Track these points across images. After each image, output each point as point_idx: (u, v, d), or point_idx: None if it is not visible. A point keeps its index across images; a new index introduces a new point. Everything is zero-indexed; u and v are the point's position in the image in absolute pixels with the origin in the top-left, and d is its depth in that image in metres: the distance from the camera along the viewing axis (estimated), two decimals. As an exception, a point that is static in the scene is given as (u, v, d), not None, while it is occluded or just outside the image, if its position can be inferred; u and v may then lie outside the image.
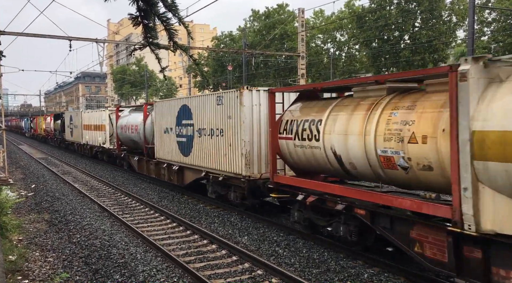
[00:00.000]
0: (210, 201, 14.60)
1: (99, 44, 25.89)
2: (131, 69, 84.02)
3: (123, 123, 21.98)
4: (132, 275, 8.08)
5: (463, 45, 38.57)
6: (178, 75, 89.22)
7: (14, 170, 25.31)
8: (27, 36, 21.57)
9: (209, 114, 13.53)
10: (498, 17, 38.08)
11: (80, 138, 31.20)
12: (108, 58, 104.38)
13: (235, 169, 12.19)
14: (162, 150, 17.39)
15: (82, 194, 16.87)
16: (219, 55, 54.61)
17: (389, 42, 41.67)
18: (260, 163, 11.97)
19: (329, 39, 51.60)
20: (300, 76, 26.44)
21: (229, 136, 12.39)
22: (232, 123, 12.23)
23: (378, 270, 8.07)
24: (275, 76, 50.98)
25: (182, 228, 11.63)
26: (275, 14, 53.23)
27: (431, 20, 40.21)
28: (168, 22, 3.33)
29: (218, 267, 8.56)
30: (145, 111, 19.52)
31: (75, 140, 33.67)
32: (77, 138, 32.39)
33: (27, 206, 14.90)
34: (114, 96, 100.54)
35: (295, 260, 8.79)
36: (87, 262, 8.94)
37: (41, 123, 52.82)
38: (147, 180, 20.04)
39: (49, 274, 8.25)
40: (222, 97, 12.76)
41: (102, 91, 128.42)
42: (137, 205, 14.91)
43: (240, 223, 11.92)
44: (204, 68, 58.43)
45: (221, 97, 12.81)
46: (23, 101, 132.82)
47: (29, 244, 10.22)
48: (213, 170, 13.49)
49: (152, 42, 3.44)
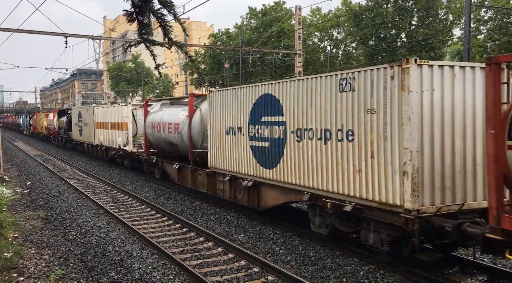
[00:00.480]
0: (206, 198, 14.57)
1: (95, 41, 25.76)
2: (128, 66, 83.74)
3: (154, 120, 17.62)
4: (128, 272, 8.07)
5: (459, 43, 38.64)
6: (174, 73, 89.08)
7: (10, 167, 25.20)
8: (22, 32, 21.43)
9: (321, 106, 9.08)
10: (495, 16, 38.15)
11: (92, 139, 26.76)
12: (104, 55, 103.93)
13: (383, 195, 7.69)
14: (221, 158, 12.87)
15: (78, 192, 16.82)
16: (216, 52, 54.47)
17: (385, 40, 41.71)
18: (434, 187, 7.38)
19: (326, 37, 51.58)
20: (296, 74, 26.44)
21: (370, 141, 7.95)
22: (378, 120, 7.77)
23: (374, 268, 8.09)
24: (271, 74, 50.90)
25: (178, 225, 11.62)
26: (272, 11, 53.14)
27: (427, 18, 40.26)
28: (163, 18, 3.31)
29: (214, 264, 8.56)
30: (191, 105, 14.89)
31: (85, 141, 29.05)
32: (88, 138, 27.93)
33: (22, 203, 14.85)
34: (110, 94, 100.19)
35: (291, 257, 8.80)
36: (82, 259, 8.92)
37: (42, 121, 48.22)
38: (143, 178, 20.00)
39: (44, 271, 8.24)
40: (353, 79, 8.25)
41: (98, 88, 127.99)
42: (133, 202, 14.88)
43: (237, 220, 11.92)
44: (201, 66, 58.36)
45: (351, 79, 8.32)
46: (18, 98, 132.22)
47: (24, 241, 10.19)
48: (329, 193, 8.90)
49: (147, 38, 3.43)
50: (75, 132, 31.71)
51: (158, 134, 17.25)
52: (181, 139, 15.53)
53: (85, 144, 29.18)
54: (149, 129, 18.11)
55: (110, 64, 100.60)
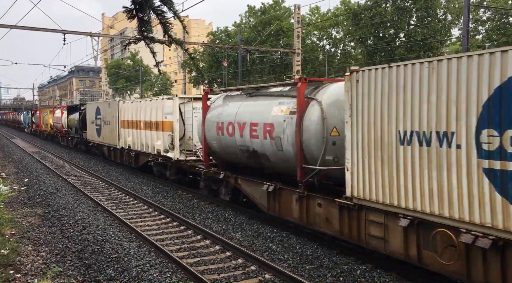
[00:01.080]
0: (205, 197, 14.57)
1: (93, 38, 25.69)
2: (126, 64, 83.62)
3: (221, 119, 12.34)
4: (125, 270, 8.07)
5: (457, 43, 38.71)
6: (173, 70, 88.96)
7: (7, 163, 25.14)
8: (20, 29, 21.38)
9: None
10: (493, 16, 38.23)
11: (115, 140, 22.09)
12: (103, 52, 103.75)
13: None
14: (381, 184, 7.44)
15: (76, 189, 16.80)
16: (214, 51, 54.44)
17: (384, 39, 41.73)
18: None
19: (324, 36, 51.60)
20: (295, 72, 26.44)
21: None
22: None
23: (370, 266, 8.12)
24: (270, 73, 50.90)
25: (176, 223, 11.62)
26: (271, 10, 53.10)
27: (426, 18, 40.29)
28: (163, 15, 3.32)
29: (211, 262, 8.57)
30: (302, 96, 9.38)
31: (104, 142, 24.23)
32: (109, 139, 23.20)
33: (19, 200, 14.82)
34: (108, 91, 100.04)
35: (288, 256, 8.82)
36: (80, 256, 8.92)
37: (47, 118, 43.13)
38: (141, 174, 19.93)
39: (41, 269, 8.23)
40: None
41: (96, 86, 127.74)
42: (131, 200, 14.86)
43: (234, 219, 11.93)
44: (200, 64, 58.27)
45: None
46: (16, 95, 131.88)
47: (21, 238, 10.17)
48: None
49: (147, 35, 3.43)
50: (90, 132, 26.99)
51: (229, 139, 11.89)
52: (278, 149, 10.01)
53: (105, 146, 24.32)
54: (211, 131, 12.79)
55: (108, 61, 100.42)
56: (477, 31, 39.21)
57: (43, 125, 46.07)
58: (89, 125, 27.29)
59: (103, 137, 24.29)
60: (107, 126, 23.43)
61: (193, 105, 16.06)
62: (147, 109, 18.42)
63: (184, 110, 16.16)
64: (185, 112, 16.17)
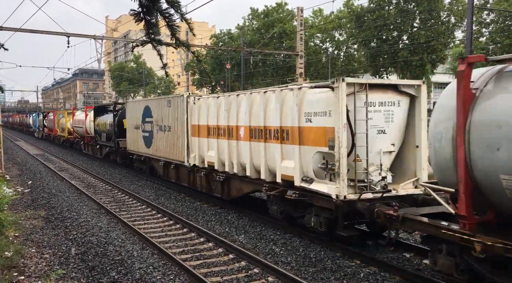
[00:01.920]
0: (207, 200, 14.55)
1: (97, 41, 25.84)
2: (129, 66, 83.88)
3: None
4: (129, 272, 8.07)
5: (461, 46, 38.66)
6: (176, 73, 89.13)
7: (11, 166, 25.23)
8: (25, 32, 21.48)
9: None
10: (497, 18, 38.16)
11: (182, 155, 15.39)
12: (106, 55, 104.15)
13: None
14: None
15: (79, 191, 16.83)
16: (217, 53, 54.54)
17: (387, 42, 41.69)
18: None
19: (327, 39, 51.60)
20: (298, 75, 26.44)
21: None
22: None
23: (374, 270, 8.08)
24: (273, 75, 50.94)
25: (179, 225, 11.61)
26: (274, 12, 53.18)
27: (429, 20, 40.24)
28: (170, 18, 3.33)
29: (214, 265, 8.56)
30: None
31: (159, 156, 17.53)
32: (168, 152, 16.64)
33: (23, 202, 14.86)
34: (111, 93, 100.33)
35: (291, 258, 8.79)
36: (83, 259, 8.93)
37: (63, 121, 36.63)
38: (143, 177, 19.95)
39: (45, 271, 8.24)
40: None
41: (100, 88, 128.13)
42: (134, 202, 14.88)
43: (237, 221, 11.92)
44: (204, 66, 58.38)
45: None
46: (20, 97, 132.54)
47: (25, 241, 10.20)
48: None
49: (154, 38, 3.44)
50: (133, 140, 20.57)
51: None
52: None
53: (160, 161, 17.46)
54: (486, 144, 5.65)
55: (112, 64, 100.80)
56: (481, 33, 39.14)
57: (58, 129, 39.67)
58: (130, 131, 20.98)
59: (157, 148, 17.70)
60: (165, 134, 16.84)
61: (368, 98, 8.84)
62: (255, 108, 11.55)
63: (354, 108, 8.79)
64: (355, 111, 8.79)
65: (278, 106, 10.44)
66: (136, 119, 19.95)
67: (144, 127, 18.98)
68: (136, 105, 20.65)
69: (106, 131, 24.86)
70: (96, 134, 27.16)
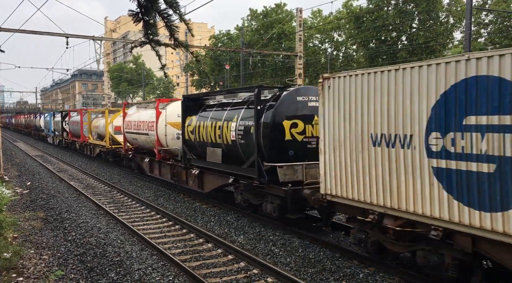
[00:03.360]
0: (207, 200, 14.54)
1: (96, 41, 25.79)
2: (128, 67, 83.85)
3: None
4: (128, 273, 8.06)
5: (460, 46, 38.68)
6: (175, 74, 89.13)
7: (10, 167, 25.19)
8: (23, 33, 21.45)
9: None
10: (495, 19, 38.20)
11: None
12: (105, 56, 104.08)
13: None
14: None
15: (78, 192, 16.81)
16: (216, 54, 54.53)
17: (386, 42, 41.74)
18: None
19: (326, 39, 51.63)
20: (297, 76, 26.45)
21: None
22: None
23: (373, 270, 8.09)
24: (272, 76, 50.94)
25: (178, 226, 11.61)
26: (273, 13, 53.20)
27: (428, 21, 40.29)
28: (169, 19, 3.32)
29: (213, 266, 8.55)
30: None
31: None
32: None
33: (22, 203, 14.83)
34: (110, 94, 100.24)
35: (290, 259, 8.79)
36: (82, 260, 8.91)
37: (97, 124, 26.59)
38: (142, 178, 19.94)
39: (44, 272, 8.23)
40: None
41: (99, 89, 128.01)
42: (133, 203, 14.86)
43: (236, 222, 11.91)
44: (203, 67, 58.36)
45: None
46: (19, 98, 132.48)
47: (24, 242, 10.18)
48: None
49: (152, 39, 3.44)
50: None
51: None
52: None
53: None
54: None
55: (111, 65, 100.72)
56: (479, 34, 39.18)
57: (89, 136, 28.11)
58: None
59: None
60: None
61: None
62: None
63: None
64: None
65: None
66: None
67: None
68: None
69: (226, 145, 12.33)
70: (184, 146, 14.78)
